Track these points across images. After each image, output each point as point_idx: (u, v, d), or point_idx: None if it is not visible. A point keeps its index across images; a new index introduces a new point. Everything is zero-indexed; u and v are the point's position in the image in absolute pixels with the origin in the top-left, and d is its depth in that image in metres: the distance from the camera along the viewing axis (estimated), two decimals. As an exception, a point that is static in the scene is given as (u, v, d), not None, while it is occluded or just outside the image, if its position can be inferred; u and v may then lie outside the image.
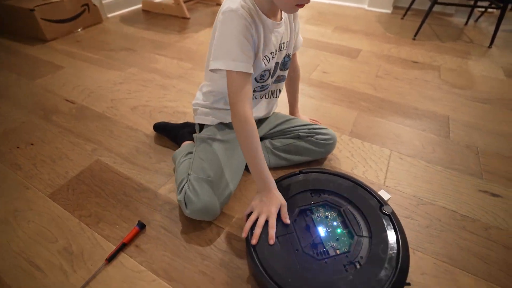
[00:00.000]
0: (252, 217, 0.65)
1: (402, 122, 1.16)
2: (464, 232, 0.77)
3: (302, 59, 1.62)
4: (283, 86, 0.88)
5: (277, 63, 0.77)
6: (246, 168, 0.89)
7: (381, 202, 0.69)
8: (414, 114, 1.21)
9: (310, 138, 0.89)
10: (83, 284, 0.64)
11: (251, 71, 0.64)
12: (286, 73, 0.84)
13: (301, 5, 0.62)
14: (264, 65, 0.71)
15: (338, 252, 0.60)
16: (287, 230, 0.64)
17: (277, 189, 0.68)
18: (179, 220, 0.78)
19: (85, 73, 1.48)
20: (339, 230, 0.64)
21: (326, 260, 0.59)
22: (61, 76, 1.46)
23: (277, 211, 0.65)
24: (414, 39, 1.92)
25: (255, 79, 0.75)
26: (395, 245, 0.61)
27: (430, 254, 0.72)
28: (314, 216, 0.67)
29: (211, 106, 0.83)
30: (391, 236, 0.62)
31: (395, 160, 0.98)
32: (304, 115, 1.06)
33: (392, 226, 0.64)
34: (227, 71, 0.63)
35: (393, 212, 0.67)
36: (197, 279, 0.65)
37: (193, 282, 0.65)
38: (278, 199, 0.66)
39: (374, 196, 0.71)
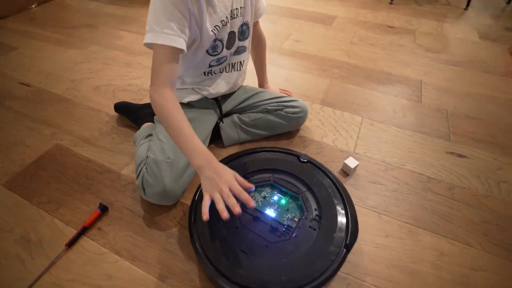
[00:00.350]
0: (206, 200, 0.52)
1: (375, 88, 1.14)
2: (429, 193, 0.78)
3: (274, 28, 1.56)
4: (245, 58, 0.82)
5: (232, 32, 0.71)
6: (210, 143, 0.86)
7: (297, 155, 0.72)
8: (387, 79, 1.19)
9: (279, 112, 0.86)
10: (42, 271, 0.62)
11: (180, 45, 0.57)
12: (246, 43, 0.78)
13: None
14: (214, 34, 0.66)
15: (296, 219, 0.59)
16: (244, 236, 0.58)
17: (216, 159, 0.58)
18: (143, 200, 0.75)
19: (41, 53, 1.37)
20: (283, 201, 0.64)
21: (294, 234, 0.58)
22: (14, 57, 1.34)
23: (233, 177, 0.54)
24: (391, 3, 1.86)
25: (207, 52, 0.70)
26: (328, 178, 0.67)
27: (396, 216, 0.72)
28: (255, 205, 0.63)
29: None
30: (321, 175, 0.67)
31: (366, 127, 0.97)
32: (275, 86, 1.03)
33: (317, 168, 0.69)
34: (153, 44, 0.57)
35: (311, 158, 0.71)
36: (161, 256, 0.64)
37: (157, 260, 0.63)
38: (225, 167, 0.56)
39: (290, 153, 0.72)
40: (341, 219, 0.58)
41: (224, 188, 0.51)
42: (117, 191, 0.78)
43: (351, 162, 0.80)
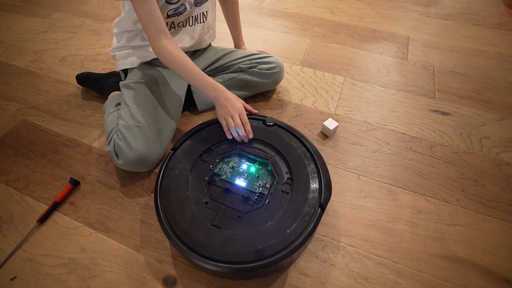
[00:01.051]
0: (223, 124, 0.65)
1: (359, 46, 1.08)
2: (410, 152, 0.76)
3: (254, -14, 1.44)
4: (209, 9, 0.76)
5: None
6: (185, 109, 0.82)
7: (262, 119, 0.68)
8: (371, 37, 1.12)
9: (253, 69, 0.81)
10: (14, 247, 0.61)
11: None
12: None
13: None
14: None
15: (268, 185, 0.57)
16: (215, 211, 0.55)
17: (226, 89, 0.68)
18: (116, 172, 0.73)
19: (0, 23, 1.26)
20: (252, 169, 0.61)
21: (267, 201, 0.55)
22: (-29, 28, 1.23)
23: (242, 105, 0.67)
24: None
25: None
26: (296, 140, 0.64)
27: (375, 177, 0.71)
28: (223, 177, 0.60)
29: (128, 46, 0.73)
30: (289, 137, 0.64)
31: (347, 87, 0.93)
32: (252, 48, 0.96)
33: (284, 130, 0.66)
34: (131, 2, 0.59)
35: (277, 121, 0.67)
36: (135, 227, 0.63)
37: (131, 231, 0.62)
38: (235, 97, 0.68)
39: (255, 118, 0.68)
40: (313, 179, 0.56)
41: (235, 115, 0.63)
42: (89, 164, 0.75)
43: (330, 124, 0.77)
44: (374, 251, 0.59)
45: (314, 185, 0.56)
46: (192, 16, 0.73)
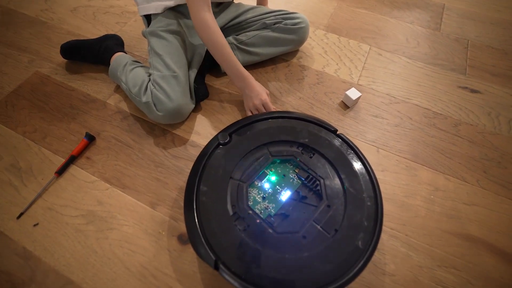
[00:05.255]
0: (248, 114, 0.69)
1: (388, 13, 1.00)
2: (433, 129, 0.73)
3: None
4: None
5: None
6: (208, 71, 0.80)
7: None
8: (403, 3, 1.04)
9: (278, 25, 0.77)
10: (35, 196, 0.62)
11: None
12: None
13: None
14: None
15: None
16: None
17: (254, 79, 0.69)
18: (131, 130, 0.72)
19: (8, -33, 1.19)
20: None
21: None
22: (-22, -29, 1.17)
23: (267, 96, 0.69)
24: None
25: None
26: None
27: (394, 152, 0.69)
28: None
29: None
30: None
31: (373, 57, 0.88)
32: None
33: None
34: None
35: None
36: (150, 185, 0.64)
37: (147, 188, 0.63)
38: (261, 86, 0.70)
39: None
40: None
41: (259, 106, 0.68)
42: (104, 120, 0.74)
43: (353, 93, 0.73)
44: (387, 224, 0.59)
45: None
46: None
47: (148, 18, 0.73)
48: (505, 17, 1.00)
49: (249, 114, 0.68)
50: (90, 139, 0.70)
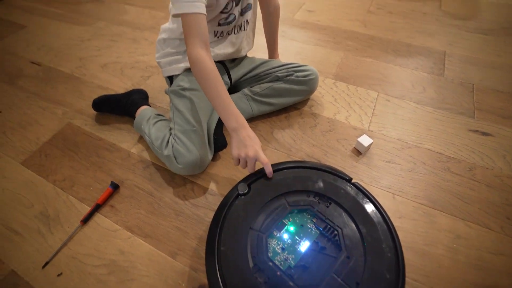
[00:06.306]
0: (237, 163, 0.62)
1: (393, 61, 1.06)
2: (447, 173, 0.74)
3: (287, -2, 1.46)
4: (250, 17, 0.79)
5: None
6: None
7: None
8: (406, 51, 1.10)
9: (289, 77, 0.83)
10: (61, 245, 0.65)
11: (203, 11, 0.60)
12: (252, 0, 0.75)
13: None
14: None
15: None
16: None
17: (248, 125, 0.63)
18: (153, 178, 0.76)
19: (49, 31, 1.36)
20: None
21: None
22: (24, 36, 1.34)
23: (260, 147, 0.61)
24: (415, -35, 1.68)
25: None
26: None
27: (410, 197, 0.70)
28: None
29: (175, 52, 0.77)
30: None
31: (381, 103, 0.92)
32: (284, 60, 0.98)
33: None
34: (180, 14, 0.60)
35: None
36: (171, 234, 0.65)
37: (167, 237, 0.65)
38: (256, 136, 0.62)
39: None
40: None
41: (251, 157, 0.59)
42: (127, 169, 0.79)
43: (365, 140, 0.76)
44: (410, 275, 0.57)
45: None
46: (237, 25, 0.76)
47: (170, 78, 0.81)
48: (507, 61, 1.04)
49: (236, 163, 0.62)
50: (115, 187, 0.74)
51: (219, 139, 0.77)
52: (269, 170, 0.59)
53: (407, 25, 1.23)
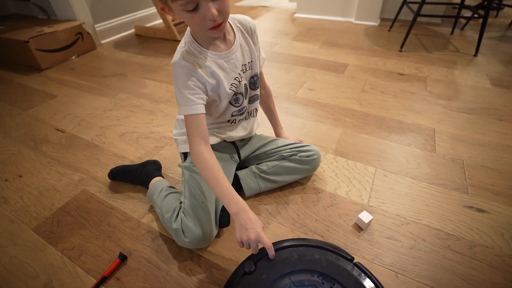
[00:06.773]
0: (246, 248, 0.63)
1: (387, 137, 1.16)
2: (448, 251, 0.76)
3: (288, 77, 1.65)
4: (258, 104, 0.90)
5: (245, 84, 0.78)
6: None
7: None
8: (399, 128, 1.21)
9: (294, 156, 0.91)
10: (61, 322, 0.64)
11: (201, 111, 0.68)
12: (257, 91, 0.86)
13: (216, 27, 0.61)
14: (233, 91, 0.74)
15: None
16: None
17: (249, 208, 0.65)
18: (161, 250, 0.78)
19: (76, 100, 1.52)
20: None
21: None
22: (53, 105, 1.49)
23: (262, 229, 0.63)
24: (400, 50, 1.94)
25: (230, 103, 0.77)
26: None
27: (414, 277, 0.70)
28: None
29: None
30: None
31: (379, 178, 0.98)
32: (290, 134, 1.07)
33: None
34: (184, 115, 0.70)
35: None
36: (175, 313, 0.65)
37: (171, 317, 0.64)
38: (257, 218, 0.64)
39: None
40: None
41: (252, 238, 0.60)
42: (136, 239, 0.81)
43: (365, 217, 0.80)
44: None
45: None
46: (248, 112, 0.86)
47: (185, 154, 0.89)
48: (491, 139, 1.14)
49: (240, 245, 0.64)
50: (123, 259, 0.75)
51: (223, 217, 0.81)
52: (271, 253, 0.61)
53: (398, 103, 1.37)
